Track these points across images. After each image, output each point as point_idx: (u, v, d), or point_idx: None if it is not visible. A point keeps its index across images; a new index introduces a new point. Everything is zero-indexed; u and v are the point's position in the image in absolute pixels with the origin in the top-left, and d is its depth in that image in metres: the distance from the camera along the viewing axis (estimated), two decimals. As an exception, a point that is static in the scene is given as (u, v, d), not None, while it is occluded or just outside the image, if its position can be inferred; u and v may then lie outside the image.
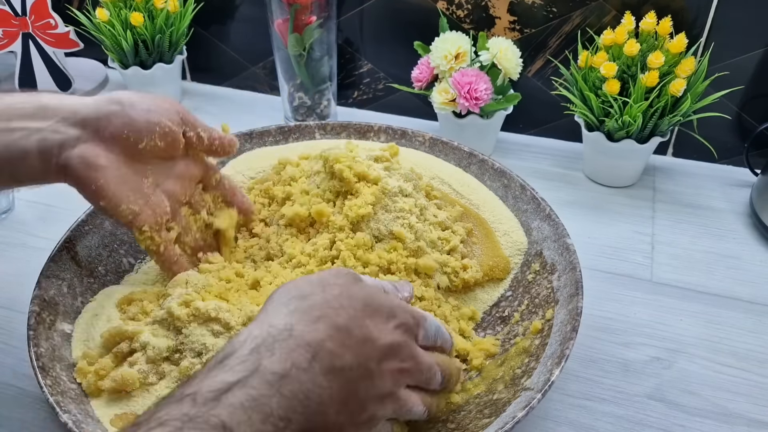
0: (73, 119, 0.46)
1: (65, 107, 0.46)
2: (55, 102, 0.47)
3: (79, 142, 0.46)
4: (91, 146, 0.46)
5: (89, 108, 0.47)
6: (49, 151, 0.46)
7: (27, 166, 0.46)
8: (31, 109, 0.46)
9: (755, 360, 0.58)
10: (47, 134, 0.45)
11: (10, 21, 0.91)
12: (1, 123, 0.45)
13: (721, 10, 0.74)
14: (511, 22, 0.82)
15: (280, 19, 0.81)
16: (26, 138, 0.45)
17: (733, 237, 0.72)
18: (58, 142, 0.46)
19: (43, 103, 0.46)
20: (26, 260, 0.68)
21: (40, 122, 0.46)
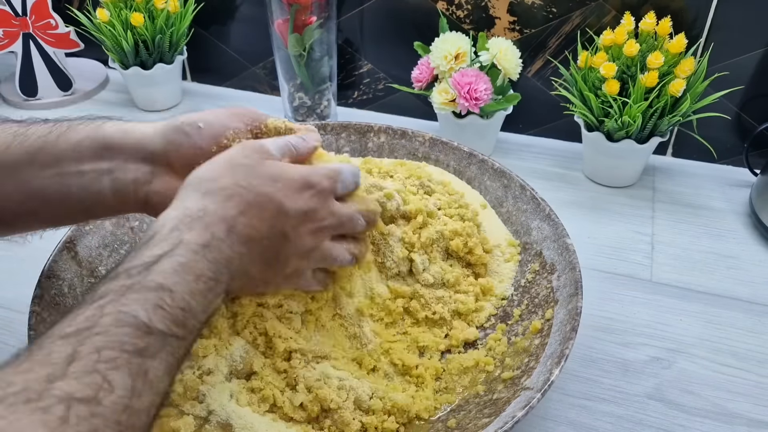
0: (141, 155, 0.45)
1: (130, 143, 0.45)
2: (118, 137, 0.45)
3: (154, 177, 0.46)
4: (167, 179, 0.46)
5: (155, 142, 0.46)
6: (123, 190, 0.45)
7: (103, 205, 0.46)
8: (97, 149, 0.45)
9: (755, 360, 0.58)
10: (118, 174, 0.45)
11: (10, 21, 0.91)
12: (71, 166, 0.44)
13: (721, 10, 0.74)
14: (511, 22, 0.82)
15: (280, 19, 0.81)
16: (98, 180, 0.45)
17: (732, 237, 0.72)
18: (131, 180, 0.45)
19: (108, 139, 0.45)
20: (26, 260, 0.68)
21: (108, 162, 0.45)
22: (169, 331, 0.33)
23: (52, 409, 0.27)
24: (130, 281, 0.34)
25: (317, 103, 0.89)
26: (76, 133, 0.45)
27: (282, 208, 0.41)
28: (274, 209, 0.41)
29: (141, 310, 0.33)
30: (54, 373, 0.28)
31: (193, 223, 0.38)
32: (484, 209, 0.64)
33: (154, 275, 0.34)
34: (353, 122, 0.71)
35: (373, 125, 0.70)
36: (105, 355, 0.30)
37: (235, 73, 1.01)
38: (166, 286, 0.34)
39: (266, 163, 0.42)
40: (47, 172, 0.44)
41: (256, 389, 0.47)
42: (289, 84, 0.88)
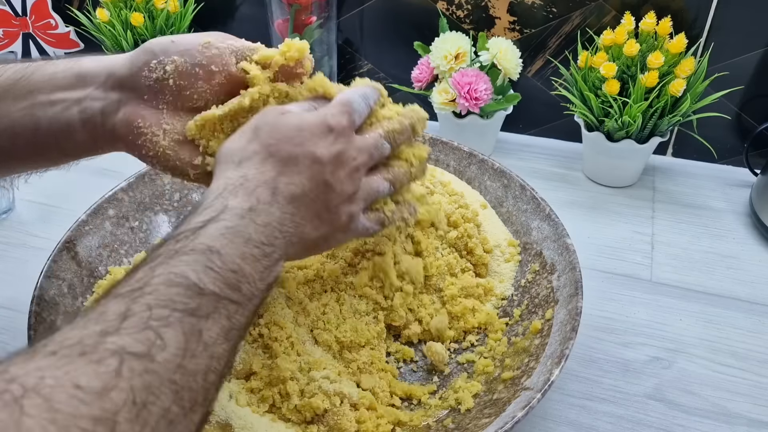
0: (110, 82, 0.43)
1: (101, 71, 0.44)
2: (92, 66, 0.44)
3: (120, 105, 0.43)
4: (133, 107, 0.43)
5: (124, 66, 0.44)
6: (92, 121, 0.43)
7: (74, 139, 0.44)
8: (71, 78, 0.43)
9: (755, 360, 0.58)
10: (87, 103, 0.43)
11: (10, 21, 0.91)
12: (43, 96, 0.43)
13: (721, 10, 0.74)
14: (511, 22, 0.82)
15: (280, 19, 0.81)
16: (68, 110, 0.43)
17: (732, 237, 0.72)
18: (99, 110, 0.43)
19: (82, 69, 0.44)
20: (26, 260, 0.68)
21: (79, 91, 0.43)
22: (221, 292, 0.33)
23: (105, 362, 0.27)
24: (179, 245, 0.34)
25: (317, 103, 0.89)
26: (53, 66, 0.44)
27: (315, 157, 0.40)
28: (309, 161, 0.40)
29: (191, 271, 0.32)
30: (107, 329, 0.28)
31: (237, 190, 0.38)
32: (484, 209, 0.64)
33: (202, 238, 0.34)
34: (353, 122, 0.71)
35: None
36: (156, 313, 0.30)
37: (235, 73, 1.00)
38: (214, 249, 0.34)
39: (287, 116, 0.41)
40: (19, 105, 0.43)
41: (255, 389, 0.47)
42: (289, 84, 0.88)
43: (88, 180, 0.71)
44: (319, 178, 0.41)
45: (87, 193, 0.63)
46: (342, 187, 0.42)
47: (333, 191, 0.41)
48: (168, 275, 0.32)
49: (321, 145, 0.41)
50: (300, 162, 0.40)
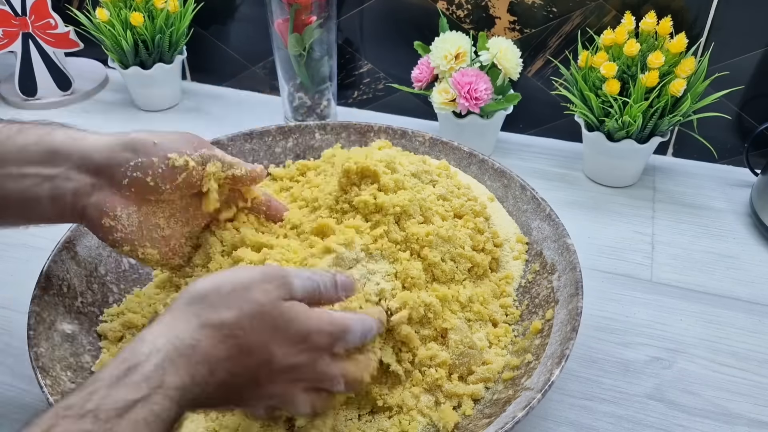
0: (85, 166, 0.45)
1: (77, 151, 0.45)
2: (67, 144, 0.45)
3: (95, 189, 0.45)
4: (107, 195, 0.45)
5: (102, 154, 0.45)
6: (62, 199, 0.45)
7: (40, 211, 0.45)
8: (43, 153, 0.44)
9: (755, 360, 0.58)
10: (59, 182, 0.44)
11: (10, 21, 0.91)
12: (15, 168, 0.44)
13: (721, 10, 0.74)
14: (511, 22, 0.82)
15: (280, 19, 0.81)
16: (39, 185, 0.44)
17: (732, 237, 0.72)
18: (71, 190, 0.45)
19: (56, 145, 0.45)
20: (26, 260, 0.68)
21: (52, 168, 0.44)
22: None
23: None
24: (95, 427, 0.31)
25: (317, 102, 0.89)
26: (24, 137, 0.45)
27: (270, 360, 0.38)
28: (262, 360, 0.38)
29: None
30: None
31: (179, 361, 0.35)
32: (491, 202, 0.63)
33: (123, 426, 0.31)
34: (353, 122, 0.71)
35: (373, 125, 0.70)
36: None
37: (235, 73, 1.00)
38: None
39: (281, 307, 0.38)
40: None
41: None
42: (289, 84, 0.88)
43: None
44: (255, 377, 0.38)
45: (87, 193, 0.63)
46: (268, 388, 0.39)
47: (257, 388, 0.39)
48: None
49: (285, 352, 0.38)
50: (253, 355, 0.37)
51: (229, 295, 0.37)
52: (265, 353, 0.37)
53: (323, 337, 0.39)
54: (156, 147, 0.46)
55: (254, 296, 0.37)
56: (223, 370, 0.36)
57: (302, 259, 0.49)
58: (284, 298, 0.38)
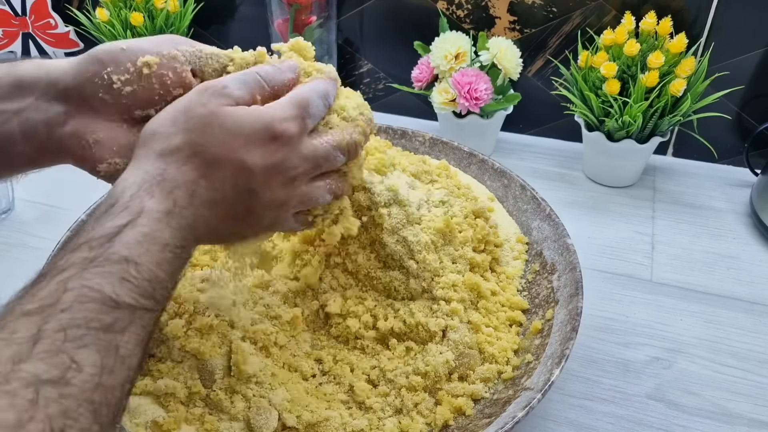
0: (53, 92, 0.40)
1: (43, 79, 0.40)
2: (31, 74, 0.40)
3: (68, 117, 0.40)
4: (83, 120, 0.40)
5: (69, 75, 0.40)
6: (34, 133, 0.40)
7: (15, 152, 0.41)
8: (9, 87, 0.40)
9: (755, 360, 0.58)
10: (29, 114, 0.40)
11: (10, 21, 0.91)
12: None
13: (721, 10, 0.74)
14: (511, 22, 0.82)
15: (280, 19, 0.81)
16: (7, 122, 0.40)
17: (733, 237, 0.72)
18: (42, 122, 0.40)
19: (21, 76, 0.40)
20: (26, 260, 0.68)
21: (18, 102, 0.40)
22: (137, 304, 0.32)
23: (20, 392, 0.26)
24: (92, 254, 0.32)
25: (317, 102, 0.89)
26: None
27: (244, 166, 0.37)
28: (235, 168, 0.37)
29: (106, 285, 0.31)
30: (19, 354, 0.27)
31: (153, 189, 0.35)
32: (491, 202, 0.63)
33: (118, 247, 0.33)
34: (353, 122, 0.71)
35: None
36: (71, 334, 0.29)
37: (235, 73, 1.00)
38: (130, 258, 0.32)
39: (224, 112, 0.37)
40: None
41: None
42: (289, 84, 0.88)
43: (88, 180, 0.71)
44: (244, 186, 0.38)
45: (87, 193, 0.63)
46: (271, 196, 0.39)
47: (258, 199, 0.39)
48: (82, 290, 0.31)
49: (256, 153, 0.37)
50: (226, 168, 0.37)
51: (173, 121, 0.37)
52: (235, 162, 0.37)
53: (289, 123, 0.38)
54: (125, 53, 0.40)
55: (195, 112, 0.37)
56: (202, 188, 0.37)
57: None
58: (226, 104, 0.37)
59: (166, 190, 0.36)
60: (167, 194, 0.36)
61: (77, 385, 0.28)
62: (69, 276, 0.31)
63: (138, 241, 0.33)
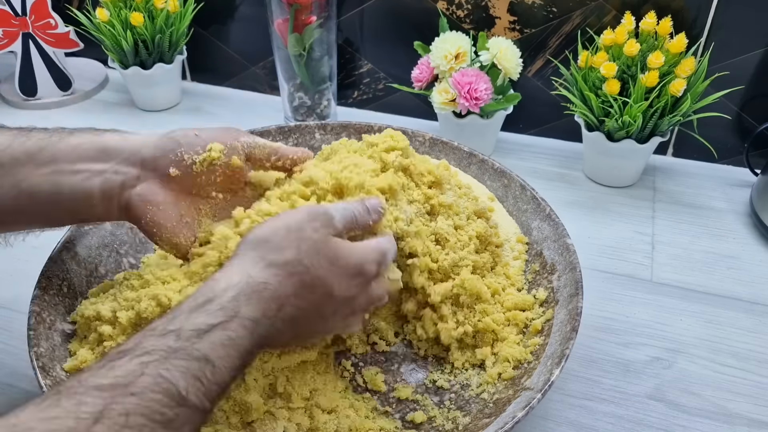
0: (133, 159, 0.47)
1: (127, 148, 0.47)
2: (117, 142, 0.47)
3: (139, 181, 0.47)
4: (150, 184, 0.47)
5: (149, 148, 0.47)
6: (110, 191, 0.46)
7: (90, 206, 0.46)
8: (95, 151, 0.46)
9: (755, 360, 0.58)
10: (109, 175, 0.46)
11: (10, 21, 0.91)
12: (67, 165, 0.45)
13: (721, 10, 0.74)
14: (511, 22, 0.82)
15: (280, 19, 0.81)
16: (89, 180, 0.45)
17: (733, 237, 0.72)
18: (119, 183, 0.46)
19: (107, 144, 0.46)
20: (26, 260, 0.68)
21: (102, 164, 0.46)
22: (200, 404, 0.33)
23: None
24: (178, 344, 0.34)
25: (317, 102, 0.89)
26: (77, 138, 0.46)
27: (332, 293, 0.42)
28: (325, 293, 0.42)
29: (181, 380, 0.33)
30: (77, 430, 0.28)
31: (253, 296, 0.38)
32: (492, 202, 0.63)
33: (204, 344, 0.35)
34: (353, 122, 0.71)
35: (373, 125, 0.70)
36: (132, 421, 0.30)
37: (235, 73, 1.00)
38: (210, 360, 0.34)
39: (331, 242, 0.42)
40: (43, 170, 0.45)
41: None
42: (289, 84, 0.88)
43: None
44: (321, 311, 0.42)
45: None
46: (332, 323, 0.44)
47: (324, 323, 0.44)
48: (157, 378, 0.32)
49: (343, 284, 0.42)
50: (317, 291, 0.41)
51: (286, 236, 0.41)
52: (326, 287, 0.42)
53: (372, 266, 0.44)
54: (198, 138, 0.48)
55: (308, 234, 0.42)
56: (290, 305, 0.40)
57: None
58: (332, 234, 0.43)
59: (264, 300, 0.39)
60: (262, 303, 0.39)
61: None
62: (150, 360, 0.33)
63: (223, 344, 0.36)
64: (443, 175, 0.58)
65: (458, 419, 0.48)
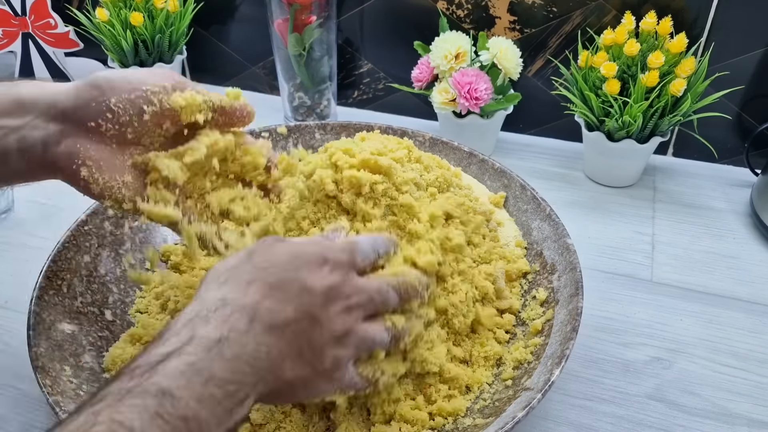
0: (52, 112, 0.42)
1: (43, 100, 0.42)
2: (33, 94, 0.42)
3: (63, 137, 0.42)
4: (76, 140, 0.42)
5: (69, 98, 0.42)
6: (30, 150, 0.42)
7: (9, 166, 0.42)
8: (8, 105, 0.42)
9: (755, 360, 0.58)
10: (26, 132, 0.41)
11: (10, 21, 0.91)
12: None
13: (721, 10, 0.73)
14: (511, 22, 0.82)
15: (280, 19, 0.81)
16: (4, 138, 0.41)
17: (733, 237, 0.72)
18: (39, 140, 0.42)
19: (21, 96, 0.42)
20: (26, 260, 0.68)
21: (17, 119, 0.41)
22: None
23: None
24: (131, 383, 0.30)
25: (317, 102, 0.89)
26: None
27: (305, 286, 0.37)
28: (298, 288, 0.37)
29: (137, 420, 0.29)
30: None
31: (210, 316, 0.34)
32: (496, 208, 0.63)
33: (158, 377, 0.31)
34: (353, 122, 0.71)
35: (373, 125, 0.70)
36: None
37: (235, 73, 1.00)
38: (168, 391, 0.30)
39: (281, 244, 0.40)
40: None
41: None
42: (289, 84, 0.88)
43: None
44: (307, 310, 0.37)
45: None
46: (330, 325, 0.38)
47: (320, 327, 0.37)
48: (111, 424, 0.28)
49: (314, 274, 0.38)
50: (288, 288, 0.37)
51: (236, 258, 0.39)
52: (298, 281, 0.37)
53: (338, 253, 0.40)
54: (115, 84, 0.43)
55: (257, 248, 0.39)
56: (264, 310, 0.35)
57: None
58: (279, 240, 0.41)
59: (224, 316, 0.34)
60: (224, 320, 0.34)
61: None
62: (101, 408, 0.29)
63: (181, 371, 0.31)
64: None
65: (458, 419, 0.48)
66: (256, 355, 0.34)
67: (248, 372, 0.34)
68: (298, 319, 0.36)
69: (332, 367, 0.39)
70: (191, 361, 0.32)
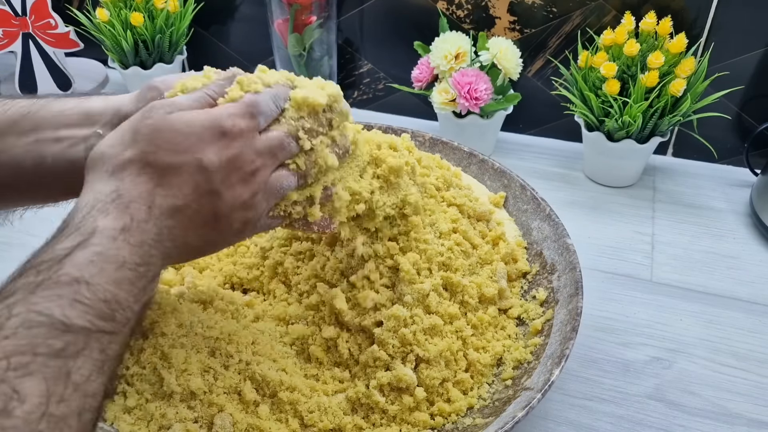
0: (116, 121, 0.42)
1: (108, 110, 0.43)
2: (100, 105, 0.43)
3: None
4: None
5: (131, 103, 0.43)
6: None
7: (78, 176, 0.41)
8: (78, 117, 0.42)
9: (755, 360, 0.58)
10: (93, 140, 0.41)
11: (10, 21, 0.91)
12: (49, 133, 0.42)
13: (721, 10, 0.74)
14: (511, 22, 0.82)
15: (280, 19, 0.81)
16: (73, 147, 0.42)
17: (733, 237, 0.72)
18: None
19: (90, 107, 0.43)
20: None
21: (85, 129, 0.42)
22: (92, 326, 0.31)
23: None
24: (39, 277, 0.31)
25: (317, 102, 0.89)
26: (61, 104, 0.43)
27: (201, 165, 0.36)
28: (192, 169, 0.36)
29: (55, 308, 0.30)
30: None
31: (108, 207, 0.34)
32: (496, 207, 0.63)
33: (68, 268, 0.31)
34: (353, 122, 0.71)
35: (373, 125, 0.70)
36: (15, 362, 0.28)
37: (235, 73, 1.00)
38: (82, 279, 0.31)
39: (172, 117, 0.37)
40: (25, 140, 0.41)
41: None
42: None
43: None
44: (205, 188, 0.37)
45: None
46: (234, 194, 0.38)
47: (222, 200, 0.37)
48: (28, 314, 0.29)
49: (210, 150, 0.37)
50: (182, 171, 0.36)
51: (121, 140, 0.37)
52: (190, 161, 0.36)
53: (235, 119, 0.38)
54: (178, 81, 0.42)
55: (142, 124, 0.37)
56: (160, 197, 0.35)
57: None
58: (169, 112, 0.37)
59: (122, 206, 0.34)
60: (123, 210, 0.34)
61: (20, 416, 0.27)
62: (14, 301, 0.30)
63: (90, 260, 0.32)
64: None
65: (458, 419, 0.48)
66: (158, 238, 0.35)
67: (155, 254, 0.35)
68: (196, 198, 0.37)
69: (241, 227, 0.40)
70: (99, 251, 0.32)
